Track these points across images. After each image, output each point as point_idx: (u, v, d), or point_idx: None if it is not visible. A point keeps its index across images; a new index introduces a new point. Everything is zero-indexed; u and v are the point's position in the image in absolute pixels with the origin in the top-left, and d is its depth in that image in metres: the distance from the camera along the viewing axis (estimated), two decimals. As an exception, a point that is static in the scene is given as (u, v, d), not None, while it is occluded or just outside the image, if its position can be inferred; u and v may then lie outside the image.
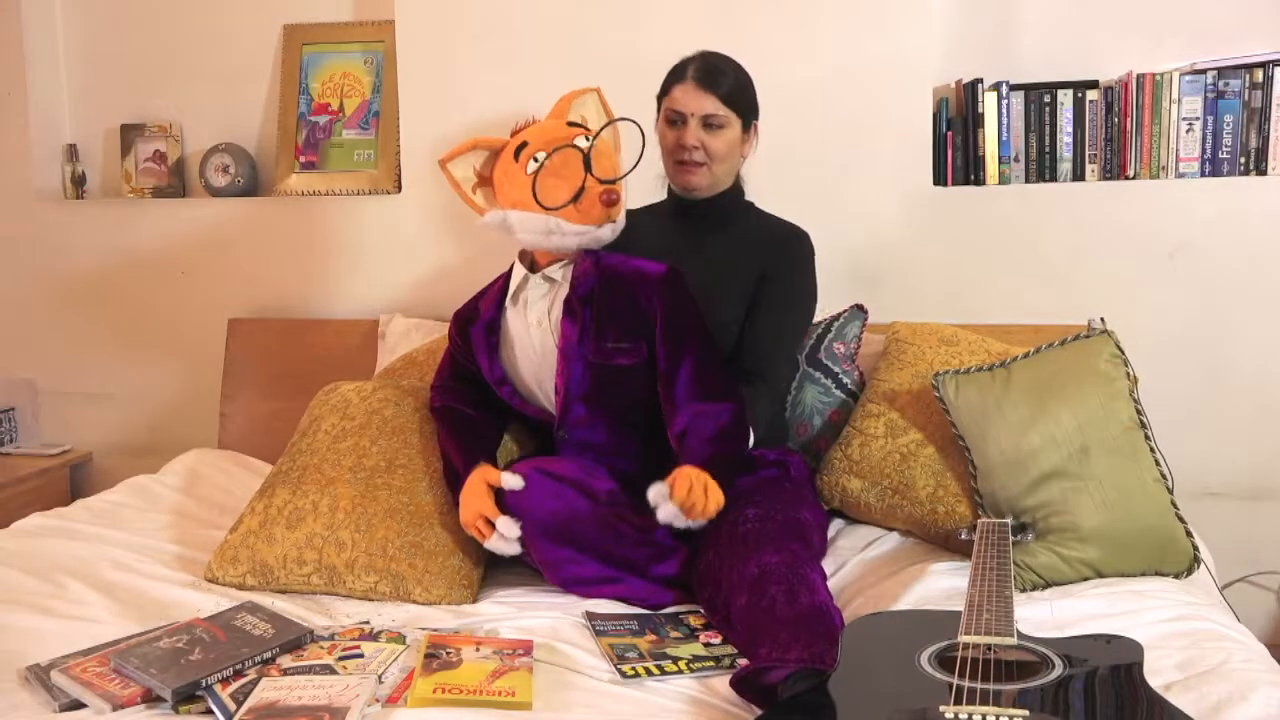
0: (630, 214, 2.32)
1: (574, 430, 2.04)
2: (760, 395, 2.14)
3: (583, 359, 2.00)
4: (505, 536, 1.91)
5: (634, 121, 2.05)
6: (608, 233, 2.01)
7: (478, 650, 1.67)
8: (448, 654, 1.65)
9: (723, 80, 2.21)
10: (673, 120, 2.23)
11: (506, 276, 2.14)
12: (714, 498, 1.83)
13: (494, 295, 2.14)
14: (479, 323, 2.13)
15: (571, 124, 2.04)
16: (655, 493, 1.83)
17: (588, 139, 2.00)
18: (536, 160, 1.97)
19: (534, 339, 2.07)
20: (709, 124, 2.20)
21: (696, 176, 2.23)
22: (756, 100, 2.28)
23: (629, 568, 1.94)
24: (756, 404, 2.11)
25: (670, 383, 1.99)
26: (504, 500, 1.93)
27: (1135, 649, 1.47)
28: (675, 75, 2.25)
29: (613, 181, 1.99)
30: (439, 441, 2.12)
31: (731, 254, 2.23)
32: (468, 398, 2.15)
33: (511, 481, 1.92)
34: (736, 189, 2.31)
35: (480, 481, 1.96)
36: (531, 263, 2.09)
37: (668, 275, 2.02)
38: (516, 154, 2.00)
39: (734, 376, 2.07)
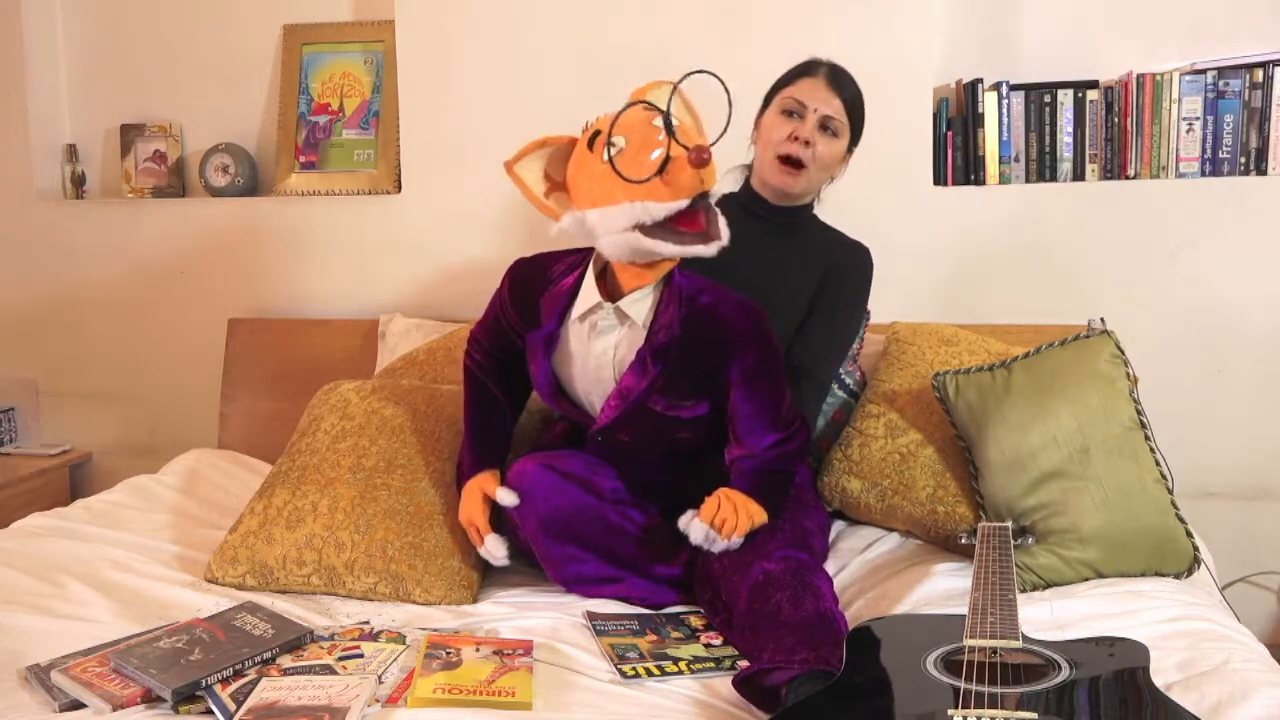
0: None
1: (610, 447, 1.99)
2: (809, 394, 2.14)
3: (644, 405, 1.90)
4: (493, 554, 1.94)
5: (714, 74, 1.79)
6: (713, 250, 1.77)
7: (478, 650, 1.67)
8: (448, 654, 1.65)
9: (850, 87, 2.19)
10: (790, 111, 2.17)
11: (577, 277, 1.94)
12: (746, 514, 1.82)
13: (558, 302, 1.94)
14: (539, 332, 1.95)
15: (650, 107, 1.81)
16: (684, 519, 1.84)
17: (666, 118, 1.76)
18: (614, 145, 1.74)
19: (592, 364, 1.93)
20: (826, 126, 2.16)
21: (796, 180, 2.17)
22: (863, 126, 2.24)
23: (631, 567, 1.94)
24: (807, 404, 2.12)
25: (738, 418, 1.91)
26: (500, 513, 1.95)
27: (1141, 651, 1.48)
28: (805, 69, 2.20)
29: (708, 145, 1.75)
30: (464, 405, 2.10)
31: (796, 258, 2.22)
32: (499, 373, 2.06)
33: (505, 499, 1.92)
34: (812, 204, 2.31)
35: (478, 490, 1.96)
36: (605, 275, 1.90)
37: (753, 329, 1.88)
38: (590, 144, 1.80)
39: (796, 402, 2.01)
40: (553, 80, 2.81)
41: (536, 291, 1.97)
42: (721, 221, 1.79)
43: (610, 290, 1.89)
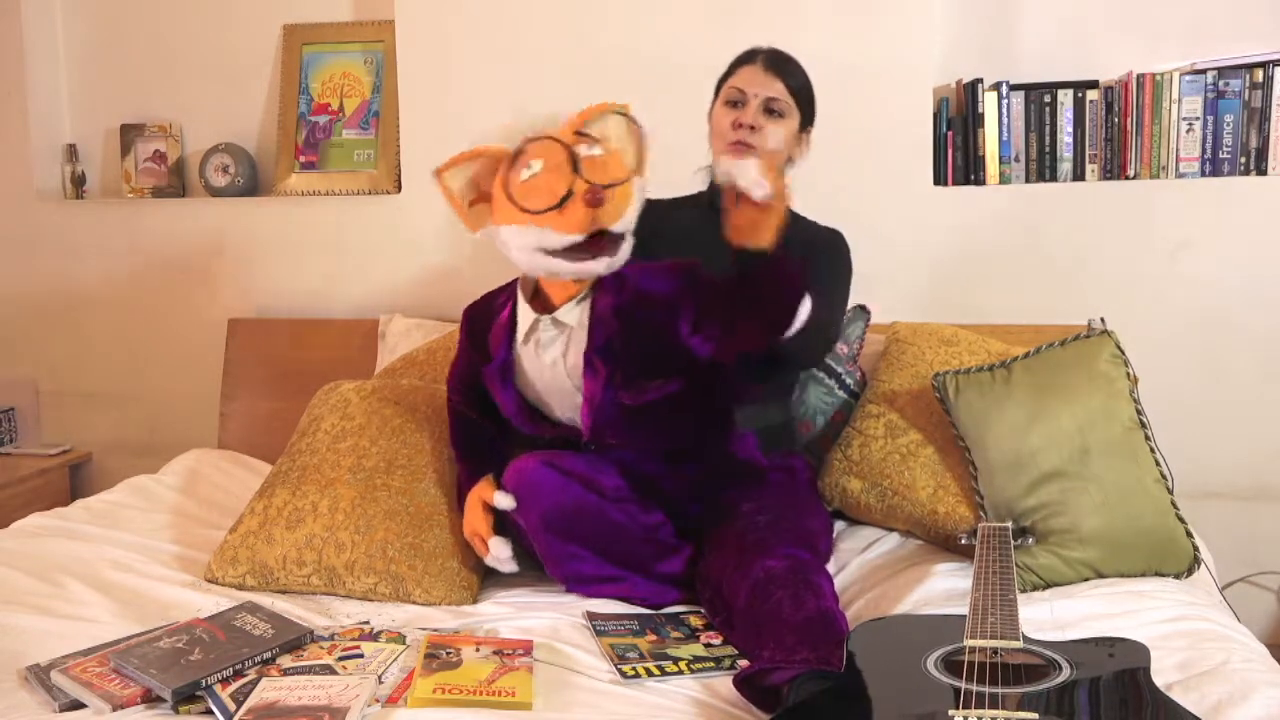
0: (663, 204, 2.27)
1: (604, 448, 1.99)
2: (796, 376, 2.18)
3: (612, 401, 1.92)
4: (498, 558, 1.94)
5: (627, 114, 1.89)
6: (601, 267, 1.86)
7: (478, 650, 1.67)
8: (448, 654, 1.65)
9: (792, 70, 2.21)
10: (733, 101, 2.19)
11: (512, 304, 2.02)
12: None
13: (502, 331, 2.01)
14: (492, 365, 2.01)
15: (582, 133, 1.89)
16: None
17: (590, 147, 1.84)
18: (530, 168, 1.82)
19: (549, 379, 1.98)
20: (770, 109, 2.18)
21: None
22: (814, 107, 2.26)
23: (632, 565, 1.94)
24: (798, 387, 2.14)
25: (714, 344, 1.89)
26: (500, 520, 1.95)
27: (1142, 652, 1.48)
28: (744, 58, 2.23)
29: (607, 187, 1.81)
30: (451, 438, 2.14)
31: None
32: (475, 402, 2.12)
33: (502, 502, 1.92)
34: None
35: (477, 500, 1.97)
36: (536, 292, 1.96)
37: (685, 285, 1.89)
38: (513, 162, 1.87)
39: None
40: (552, 80, 2.81)
41: (485, 329, 2.06)
42: (625, 245, 1.87)
43: (545, 307, 1.96)
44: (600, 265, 1.86)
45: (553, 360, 1.96)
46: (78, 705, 1.56)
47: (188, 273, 3.11)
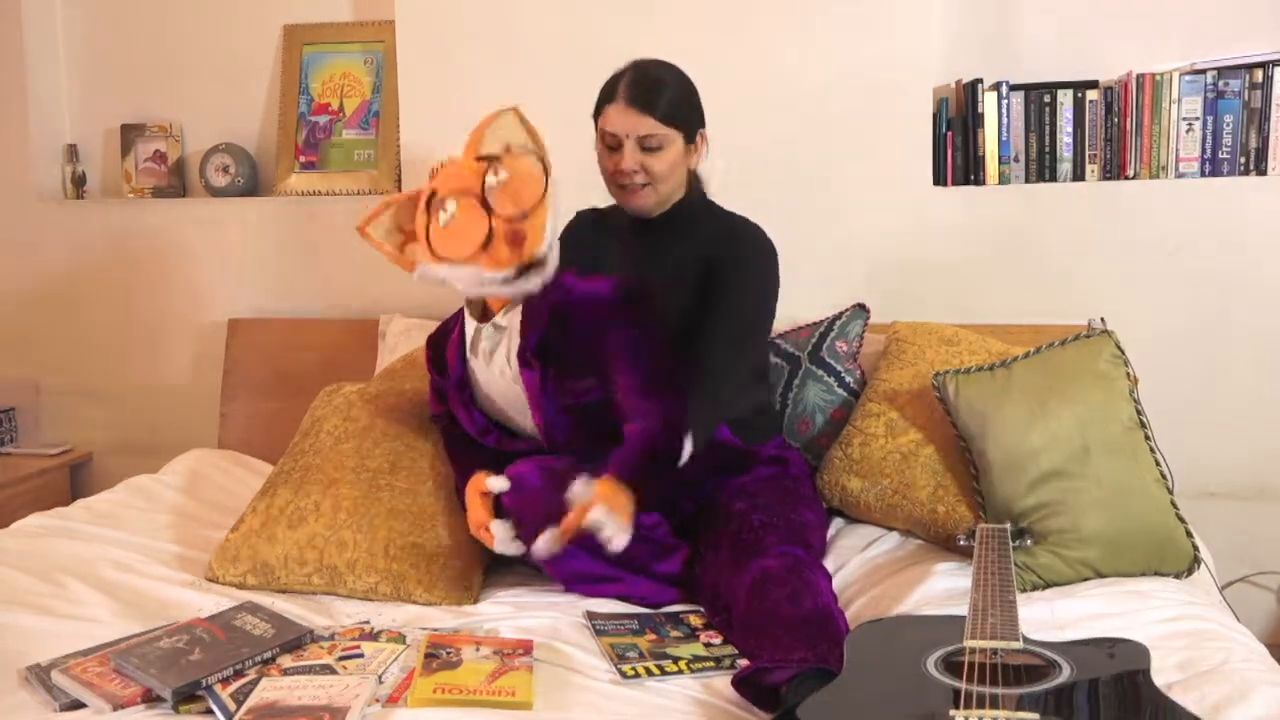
0: (592, 214, 2.30)
1: (567, 455, 2.00)
2: (710, 386, 2.02)
3: (553, 402, 1.96)
4: (501, 539, 1.92)
5: (520, 114, 1.92)
6: (537, 284, 1.88)
7: (478, 650, 1.67)
8: (448, 654, 1.65)
9: (658, 97, 2.07)
10: (609, 145, 2.11)
11: (462, 323, 2.08)
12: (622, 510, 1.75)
13: (455, 346, 2.07)
14: (450, 380, 2.07)
15: (483, 157, 1.90)
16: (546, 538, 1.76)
17: (495, 174, 1.86)
18: (446, 210, 1.85)
19: (503, 386, 2.02)
20: (646, 146, 2.08)
21: (641, 199, 2.12)
22: (699, 109, 2.16)
23: (630, 565, 1.93)
24: (708, 397, 2.01)
25: (624, 395, 1.94)
26: (502, 505, 1.94)
27: (1142, 652, 1.48)
28: (606, 95, 2.12)
29: (523, 218, 1.85)
30: (445, 452, 2.16)
31: (689, 261, 2.13)
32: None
33: (497, 484, 1.93)
34: (693, 194, 2.20)
35: (474, 491, 1.97)
36: (484, 308, 2.03)
37: (619, 301, 1.94)
38: (429, 206, 1.89)
39: (681, 388, 1.96)
40: (553, 80, 2.80)
41: (443, 349, 2.11)
42: (553, 255, 1.89)
43: (487, 316, 2.01)
44: (535, 283, 1.89)
45: (500, 368, 1.99)
46: (78, 705, 1.56)
47: (188, 273, 3.11)
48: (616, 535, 1.73)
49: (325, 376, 2.45)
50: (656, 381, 1.93)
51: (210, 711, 1.53)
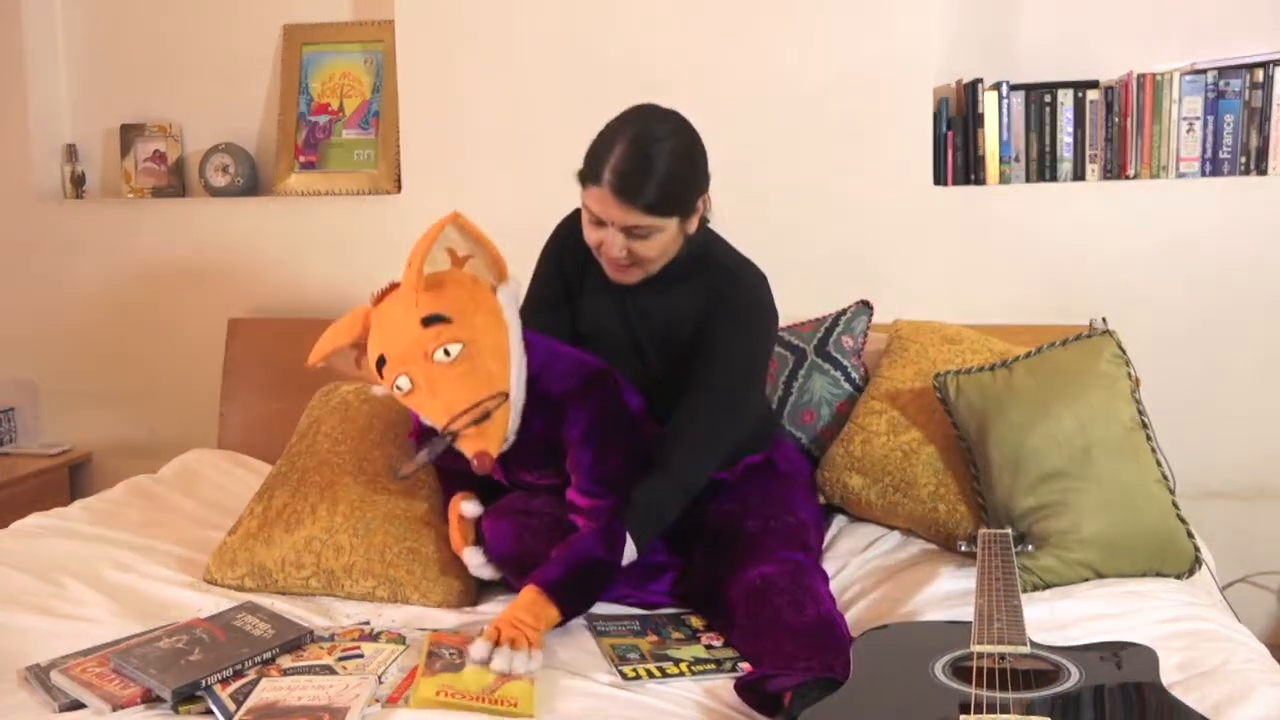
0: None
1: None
2: (701, 444, 1.91)
3: (514, 480, 1.96)
4: (472, 564, 1.92)
5: (456, 225, 1.81)
6: (485, 469, 1.79)
7: (479, 651, 1.67)
8: (450, 655, 1.65)
9: (645, 187, 1.83)
10: (595, 220, 1.91)
11: None
12: (534, 629, 1.66)
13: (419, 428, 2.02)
14: (415, 431, 2.05)
15: (428, 320, 1.76)
16: (475, 650, 1.63)
17: (447, 351, 1.74)
18: (400, 389, 1.78)
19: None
20: (634, 234, 1.88)
21: (627, 276, 1.96)
22: (700, 180, 1.94)
23: (621, 585, 1.91)
24: (695, 458, 1.90)
25: (573, 488, 1.87)
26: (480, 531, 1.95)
27: (1150, 656, 1.48)
28: (590, 171, 1.88)
29: (484, 417, 1.76)
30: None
31: (683, 313, 1.99)
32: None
33: (470, 510, 1.94)
34: (688, 249, 1.98)
35: (453, 514, 1.98)
36: None
37: (580, 389, 1.85)
38: (379, 366, 1.80)
39: (626, 489, 1.85)
40: (552, 80, 2.81)
41: (411, 429, 2.07)
42: (512, 431, 1.81)
43: None
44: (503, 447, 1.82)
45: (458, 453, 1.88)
46: (78, 705, 1.56)
47: (188, 273, 3.11)
48: (516, 665, 1.60)
49: (325, 377, 2.44)
50: (608, 477, 1.84)
51: (210, 712, 1.52)
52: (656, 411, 1.98)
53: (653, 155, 1.84)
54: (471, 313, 1.79)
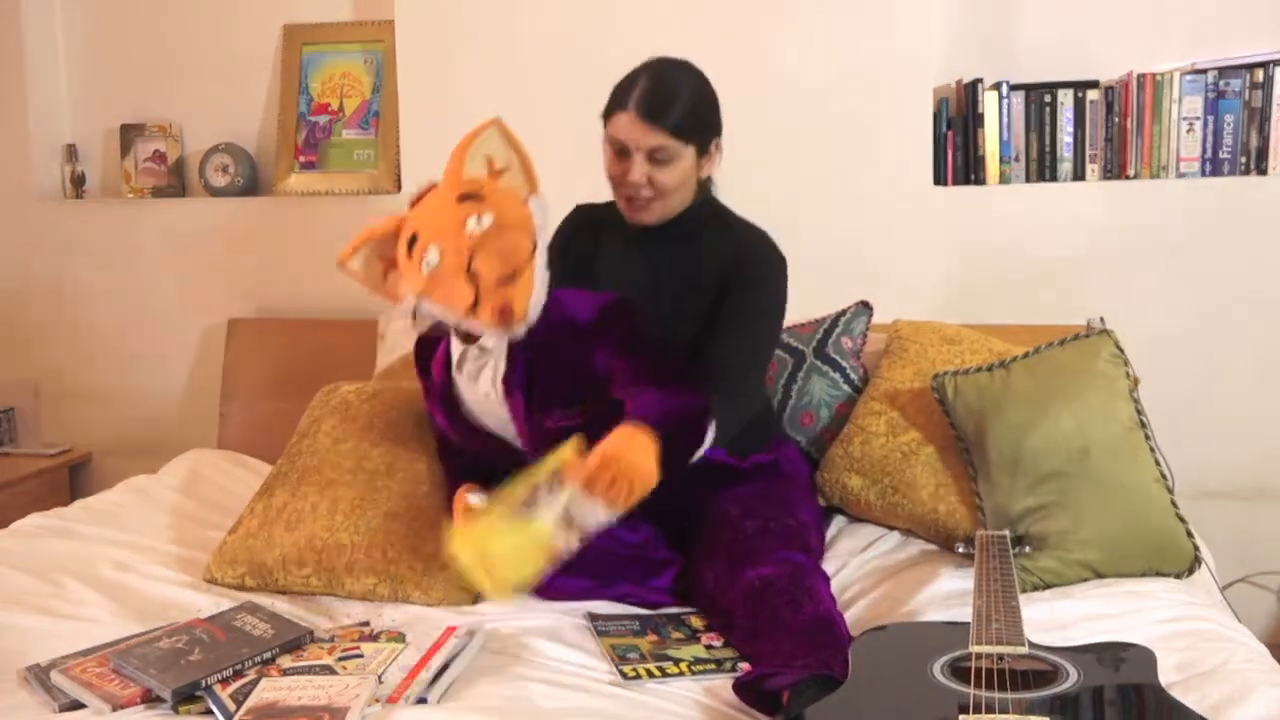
0: (590, 211, 2.24)
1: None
2: (726, 397, 1.95)
3: (536, 425, 1.92)
4: None
5: (504, 127, 1.83)
6: (520, 331, 1.82)
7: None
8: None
9: (671, 108, 1.96)
10: (618, 150, 2.01)
11: (448, 338, 2.01)
12: (627, 484, 1.62)
13: (441, 359, 2.02)
14: (434, 388, 2.03)
15: (463, 197, 1.81)
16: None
17: (479, 220, 1.78)
18: (429, 260, 1.79)
19: (490, 406, 1.95)
20: (656, 158, 1.98)
21: (646, 214, 2.04)
22: (716, 117, 2.06)
23: (623, 581, 1.92)
24: (725, 411, 1.91)
25: (618, 385, 1.87)
26: None
27: (1148, 656, 1.48)
28: (617, 100, 2.00)
29: (510, 279, 1.78)
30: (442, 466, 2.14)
31: (694, 270, 2.07)
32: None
33: (474, 501, 1.92)
34: (701, 200, 2.11)
35: (458, 505, 1.95)
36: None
37: (604, 318, 1.88)
38: (410, 247, 1.83)
39: (688, 380, 1.89)
40: (553, 80, 2.81)
41: (429, 358, 2.05)
42: (535, 307, 1.82)
43: (471, 339, 1.93)
44: (520, 330, 1.83)
45: (485, 391, 1.94)
46: (78, 705, 1.56)
47: (188, 273, 3.11)
48: (597, 517, 1.61)
49: (325, 376, 2.45)
50: (660, 371, 1.86)
51: (210, 712, 1.52)
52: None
53: (676, 82, 2.00)
54: (504, 199, 1.82)
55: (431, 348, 2.07)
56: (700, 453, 1.85)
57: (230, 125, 3.13)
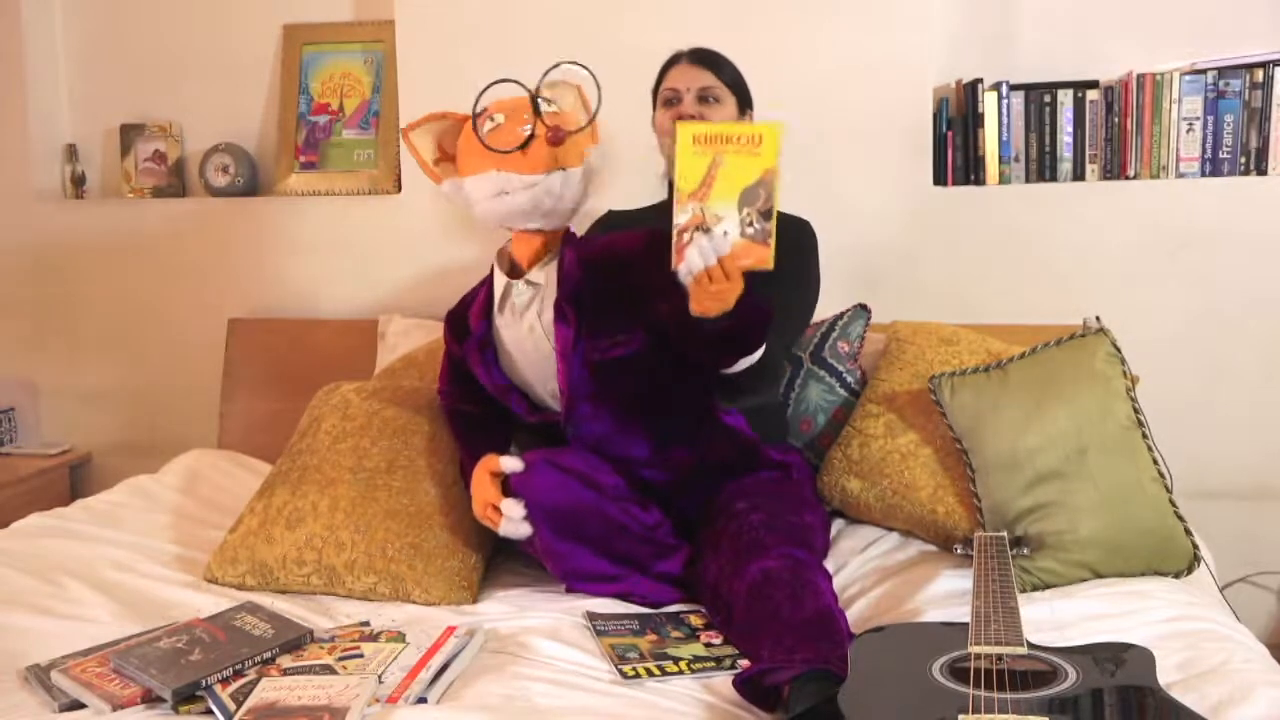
0: (623, 217, 2.31)
1: (581, 425, 2.00)
2: (763, 369, 2.01)
3: (581, 357, 1.95)
4: (511, 518, 1.90)
5: (582, 65, 1.93)
6: (557, 181, 1.88)
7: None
8: None
9: (720, 62, 2.29)
10: (669, 100, 2.27)
11: (489, 285, 2.07)
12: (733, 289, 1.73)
13: (480, 306, 2.07)
14: (471, 340, 2.06)
15: (534, 98, 1.93)
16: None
17: (548, 102, 1.93)
18: (494, 120, 1.92)
19: (529, 345, 2.00)
20: (705, 97, 2.24)
21: None
22: (750, 94, 2.33)
23: (631, 564, 1.94)
24: (761, 378, 2.01)
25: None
26: (511, 488, 1.93)
27: (1147, 656, 1.48)
28: (671, 61, 2.32)
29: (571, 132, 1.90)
30: (452, 434, 2.15)
31: None
32: (470, 395, 2.14)
33: (511, 464, 1.92)
34: None
35: (484, 471, 1.96)
36: (512, 266, 2.02)
37: (652, 241, 1.89)
38: (475, 121, 1.95)
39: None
40: (553, 80, 2.81)
41: (464, 317, 2.11)
42: (578, 169, 1.91)
43: (518, 274, 2.00)
44: (555, 180, 1.88)
45: (530, 324, 1.98)
46: (78, 705, 1.56)
47: (188, 273, 3.11)
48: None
49: (325, 376, 2.45)
50: None
51: (210, 712, 1.53)
52: None
53: (720, 54, 2.31)
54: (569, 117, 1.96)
55: (464, 312, 2.11)
56: (749, 361, 1.90)
57: (230, 125, 3.13)
